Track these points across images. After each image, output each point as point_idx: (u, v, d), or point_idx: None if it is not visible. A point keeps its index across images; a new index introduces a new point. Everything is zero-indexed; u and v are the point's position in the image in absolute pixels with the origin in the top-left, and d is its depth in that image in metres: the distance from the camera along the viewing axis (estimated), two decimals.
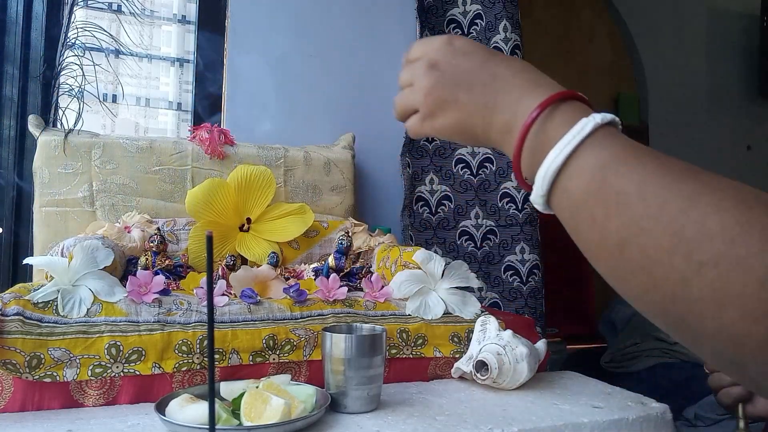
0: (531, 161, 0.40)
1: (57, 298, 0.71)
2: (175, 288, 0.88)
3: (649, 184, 0.33)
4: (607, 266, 0.36)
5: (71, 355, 0.68)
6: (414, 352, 0.84)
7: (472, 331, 0.86)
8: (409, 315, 0.86)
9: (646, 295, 0.34)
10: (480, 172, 1.46)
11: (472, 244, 1.44)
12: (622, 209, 0.34)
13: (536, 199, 0.39)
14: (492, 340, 0.80)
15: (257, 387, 0.65)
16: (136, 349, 0.70)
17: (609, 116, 0.38)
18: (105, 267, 0.77)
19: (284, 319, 0.79)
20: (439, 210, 1.43)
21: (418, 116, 0.50)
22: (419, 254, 0.92)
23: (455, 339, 0.86)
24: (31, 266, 1.01)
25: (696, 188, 0.32)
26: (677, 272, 0.31)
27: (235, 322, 0.77)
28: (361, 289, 0.92)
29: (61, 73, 1.13)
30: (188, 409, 0.61)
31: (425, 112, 0.49)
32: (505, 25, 1.45)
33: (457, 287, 0.91)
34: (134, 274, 0.77)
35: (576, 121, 0.38)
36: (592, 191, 0.36)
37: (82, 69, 1.13)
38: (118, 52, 1.27)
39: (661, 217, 0.32)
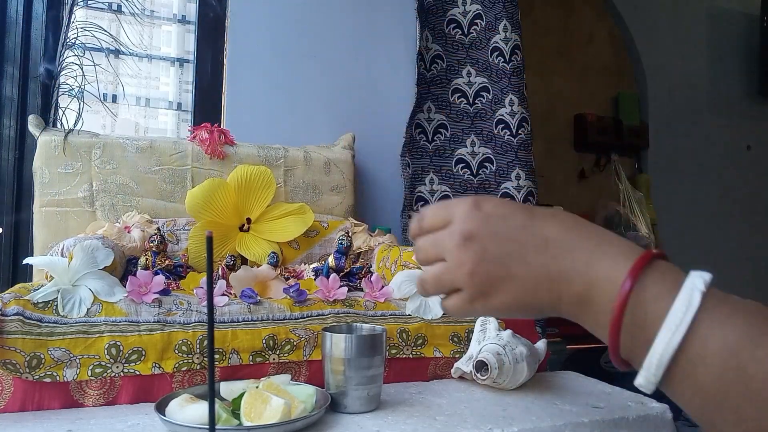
0: (631, 340, 0.36)
1: (57, 298, 0.71)
2: (175, 288, 0.88)
3: None
4: None
5: (71, 355, 0.68)
6: (414, 352, 0.84)
7: (472, 331, 0.86)
8: (409, 315, 0.86)
9: None
10: (480, 172, 1.46)
11: None
12: None
13: (647, 385, 0.35)
14: (492, 340, 0.80)
15: (257, 387, 0.65)
16: (136, 349, 0.70)
17: (707, 275, 0.35)
18: (105, 267, 0.77)
19: (284, 319, 0.79)
20: None
21: (465, 297, 0.44)
22: None
23: (455, 339, 0.86)
24: (31, 266, 1.01)
25: None
26: None
27: (235, 322, 0.77)
28: (361, 289, 0.92)
29: (61, 73, 1.13)
30: (188, 409, 0.61)
31: (474, 292, 0.43)
32: (505, 25, 1.45)
33: None
34: (134, 274, 0.77)
35: (674, 289, 0.34)
36: (729, 382, 0.32)
37: (82, 69, 1.13)
38: (118, 52, 1.27)
39: None
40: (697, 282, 0.34)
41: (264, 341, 0.76)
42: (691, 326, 0.33)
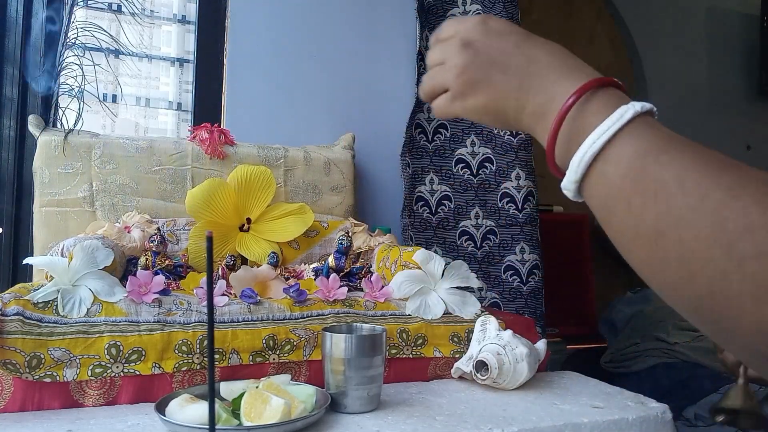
0: (566, 148, 0.40)
1: (57, 298, 0.71)
2: (175, 288, 0.88)
3: (689, 175, 0.33)
4: (641, 257, 0.35)
5: (71, 355, 0.68)
6: (414, 352, 0.84)
7: (472, 331, 0.86)
8: (409, 315, 0.86)
9: (681, 289, 0.33)
10: (480, 172, 1.46)
11: (472, 244, 1.44)
12: (661, 199, 0.33)
13: (569, 185, 0.39)
14: (492, 340, 0.80)
15: (257, 387, 0.65)
16: (136, 349, 0.70)
17: (648, 105, 0.38)
18: (105, 267, 0.77)
19: (284, 319, 0.79)
20: (439, 210, 1.43)
21: (448, 95, 0.48)
22: (419, 254, 0.92)
23: (455, 339, 0.86)
24: (31, 266, 1.01)
25: (738, 180, 0.32)
26: (716, 265, 0.30)
27: (235, 322, 0.77)
28: (361, 289, 0.92)
29: (61, 73, 1.13)
30: (188, 409, 0.61)
31: (456, 91, 0.47)
32: None
33: (457, 287, 0.91)
34: (134, 274, 0.77)
35: (614, 108, 0.37)
36: (630, 179, 0.35)
37: (82, 69, 1.13)
38: (118, 52, 1.27)
39: (701, 208, 0.31)
40: (635, 104, 0.37)
41: (264, 341, 0.76)
42: (615, 134, 0.36)
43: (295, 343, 0.78)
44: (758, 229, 0.29)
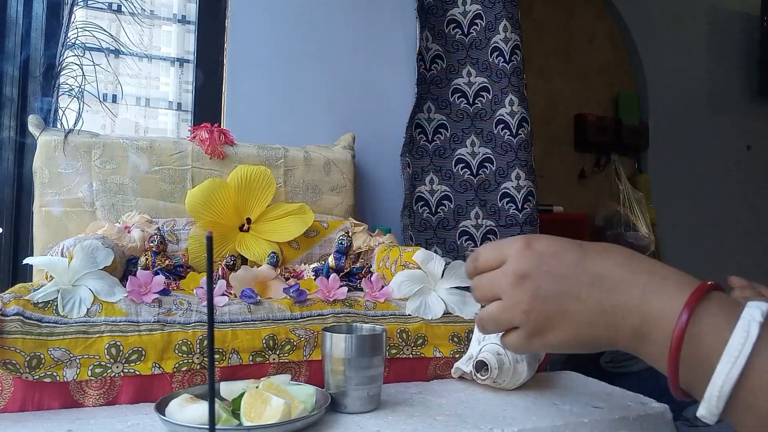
0: (689, 374, 0.36)
1: (57, 298, 0.71)
2: (175, 288, 0.88)
3: None
4: None
5: (71, 355, 0.68)
6: (414, 352, 0.84)
7: (472, 331, 0.86)
8: (409, 315, 0.86)
9: None
10: (480, 172, 1.46)
11: (472, 244, 1.44)
12: None
13: (708, 417, 0.35)
14: (492, 340, 0.80)
15: (257, 387, 0.65)
16: (136, 349, 0.70)
17: (764, 306, 0.35)
18: (105, 267, 0.77)
19: (284, 319, 0.79)
20: (439, 210, 1.43)
21: (522, 334, 0.45)
22: (419, 254, 0.92)
23: (455, 339, 0.86)
24: (31, 266, 1.01)
25: None
26: None
27: (235, 322, 0.77)
28: (361, 289, 0.92)
29: (61, 73, 1.13)
30: (188, 409, 0.61)
31: (531, 329, 0.44)
32: (505, 25, 1.45)
33: (457, 287, 0.91)
34: (134, 274, 0.77)
35: (731, 320, 0.34)
36: None
37: (82, 69, 1.13)
38: (118, 52, 1.27)
39: None
40: (754, 313, 0.34)
41: (264, 341, 0.76)
42: (750, 358, 0.33)
43: (295, 343, 0.78)
44: None
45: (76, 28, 1.14)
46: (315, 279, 0.88)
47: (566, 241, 0.45)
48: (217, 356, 0.74)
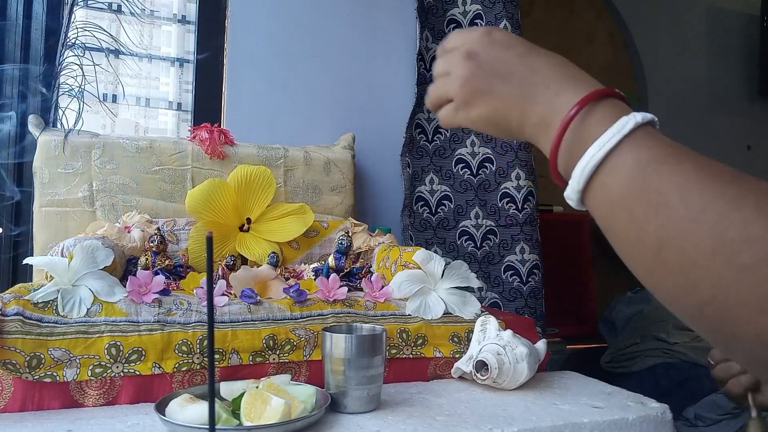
0: (569, 158, 0.40)
1: (57, 298, 0.71)
2: (175, 288, 0.88)
3: (690, 186, 0.33)
4: (643, 266, 0.36)
5: (71, 355, 0.68)
6: (414, 352, 0.84)
7: (472, 331, 0.86)
8: (409, 315, 0.86)
9: (682, 298, 0.33)
10: (480, 172, 1.46)
11: (472, 244, 1.44)
12: (662, 210, 0.34)
13: (571, 194, 0.39)
14: (492, 340, 0.80)
15: (257, 387, 0.65)
16: (136, 349, 0.70)
17: (649, 116, 0.38)
18: (105, 267, 0.77)
19: (284, 319, 0.79)
20: (439, 210, 1.43)
21: (453, 106, 0.49)
22: (419, 254, 0.92)
23: (455, 339, 0.86)
24: (31, 266, 1.01)
25: (738, 191, 0.32)
26: (717, 275, 0.31)
27: (235, 322, 0.77)
28: (361, 289, 0.92)
29: (61, 73, 1.13)
30: (188, 409, 0.61)
31: (460, 101, 0.48)
32: (505, 25, 1.45)
33: (457, 287, 0.91)
34: (134, 274, 0.77)
35: (616, 119, 0.38)
36: (632, 190, 0.36)
37: (82, 69, 1.13)
38: (118, 52, 1.27)
39: (702, 219, 0.32)
40: (636, 116, 0.38)
41: (264, 341, 0.76)
42: (617, 145, 0.37)
43: (295, 343, 0.78)
44: (757, 240, 0.30)
45: (76, 28, 1.14)
46: (315, 279, 0.88)
47: (521, 39, 0.48)
48: (217, 356, 0.74)
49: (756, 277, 0.29)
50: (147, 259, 0.92)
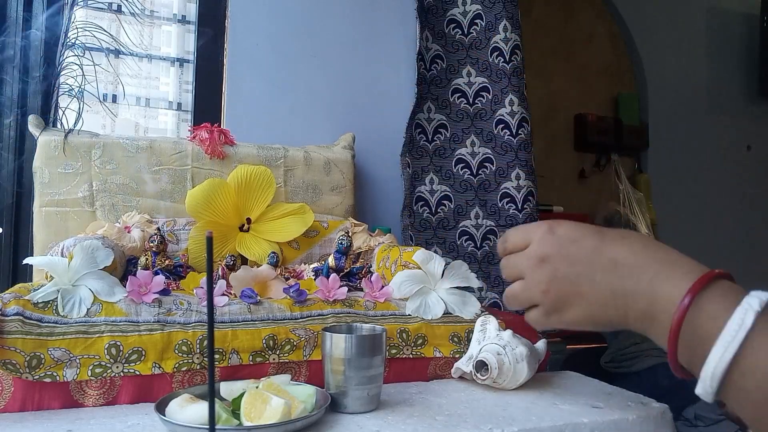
0: (689, 354, 0.39)
1: (57, 298, 0.71)
2: (175, 288, 0.88)
3: None
4: None
5: (71, 355, 0.68)
6: (414, 352, 0.84)
7: (472, 331, 0.86)
8: (409, 315, 0.86)
9: None
10: (480, 172, 1.46)
11: (472, 244, 1.44)
12: None
13: (705, 396, 0.38)
14: (492, 340, 0.80)
15: (257, 387, 0.65)
16: (136, 349, 0.70)
17: (764, 296, 0.37)
18: (105, 267, 0.77)
19: (284, 319, 0.79)
20: (439, 210, 1.43)
21: (541, 312, 0.49)
22: (419, 254, 0.92)
23: (455, 339, 0.86)
24: (31, 266, 1.01)
25: None
26: None
27: (235, 322, 0.77)
28: (361, 289, 0.92)
29: (61, 73, 1.13)
30: (188, 409, 0.61)
31: (548, 308, 0.48)
32: (505, 25, 1.45)
33: (457, 287, 0.91)
34: (134, 274, 0.77)
35: (731, 308, 0.36)
36: None
37: (82, 69, 1.13)
38: (118, 52, 1.27)
39: None
40: (752, 302, 0.36)
41: (264, 341, 0.76)
42: (743, 343, 0.35)
43: (295, 343, 0.78)
44: None
45: (76, 28, 1.14)
46: (315, 279, 0.88)
47: (586, 227, 0.47)
48: (217, 356, 0.74)
49: None
50: (147, 259, 0.92)
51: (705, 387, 0.38)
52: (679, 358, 0.40)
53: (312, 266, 1.04)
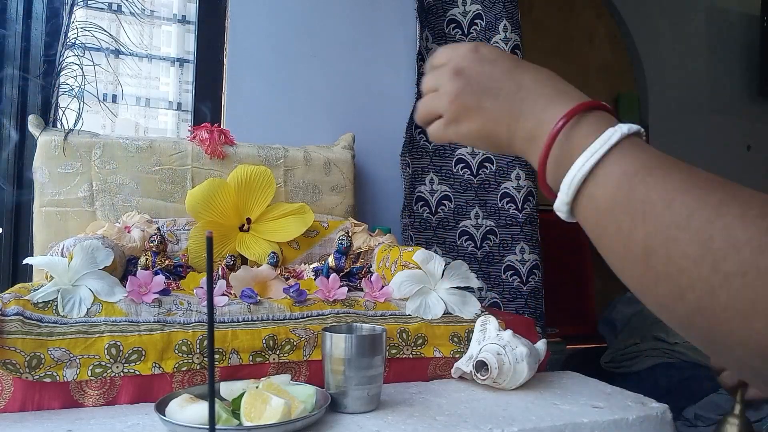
0: (556, 170, 0.41)
1: (57, 298, 0.71)
2: (175, 288, 0.88)
3: (676, 194, 0.34)
4: (632, 275, 0.36)
5: (71, 355, 0.68)
6: (414, 352, 0.84)
7: (472, 331, 0.86)
8: (409, 315, 0.86)
9: (671, 305, 0.33)
10: (480, 172, 1.46)
11: (472, 244, 1.44)
12: (649, 218, 0.34)
13: (560, 206, 0.40)
14: (492, 340, 0.80)
15: (257, 387, 0.65)
16: (136, 349, 0.70)
17: (635, 127, 0.39)
18: (105, 267, 0.77)
19: (284, 319, 0.79)
20: (439, 210, 1.43)
21: (442, 121, 0.50)
22: (419, 254, 0.92)
23: (455, 339, 0.86)
24: (31, 266, 1.01)
25: (723, 198, 0.32)
26: (704, 282, 0.31)
27: (235, 322, 0.77)
28: (361, 289, 0.92)
29: (61, 73, 1.13)
30: (188, 409, 0.61)
31: (449, 117, 0.49)
32: (505, 25, 1.45)
33: (457, 287, 0.91)
34: (134, 274, 0.77)
35: (602, 131, 0.38)
36: (619, 200, 0.36)
37: (82, 69, 1.13)
38: (118, 52, 1.27)
39: (688, 226, 0.32)
40: (622, 127, 0.38)
41: (264, 341, 0.76)
42: (603, 156, 0.37)
43: (295, 343, 0.78)
44: (743, 247, 0.30)
45: (76, 28, 1.14)
46: (315, 279, 0.88)
47: (508, 54, 0.50)
48: (217, 356, 0.74)
49: (740, 283, 0.29)
50: (147, 259, 0.92)
51: (562, 197, 0.39)
52: (547, 176, 0.42)
53: (312, 266, 1.04)
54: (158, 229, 1.00)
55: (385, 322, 0.83)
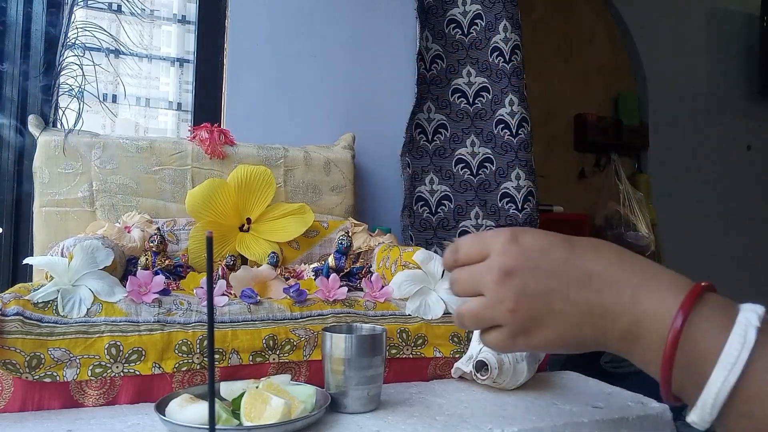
0: (682, 378, 0.35)
1: (57, 298, 0.71)
2: (175, 288, 0.88)
3: None
4: None
5: (71, 355, 0.68)
6: (414, 352, 0.84)
7: (472, 331, 0.86)
8: (409, 315, 0.86)
9: None
10: (480, 172, 1.46)
11: None
12: None
13: (700, 423, 0.34)
14: None
15: (257, 387, 0.65)
16: (136, 349, 0.70)
17: (760, 308, 0.34)
18: (105, 267, 0.77)
19: (284, 319, 0.79)
20: (439, 210, 1.43)
21: (506, 333, 0.43)
22: (419, 254, 0.92)
23: (455, 339, 0.86)
24: (31, 266, 1.01)
25: None
26: None
27: (235, 322, 0.77)
28: (361, 289, 0.92)
29: (61, 73, 1.13)
30: (188, 409, 0.61)
31: (516, 329, 0.42)
32: (505, 25, 1.45)
33: None
34: (134, 274, 0.77)
35: (728, 324, 0.33)
36: None
37: (82, 69, 1.13)
38: (118, 52, 1.27)
39: None
40: (750, 317, 0.33)
41: (264, 341, 0.76)
42: (747, 365, 0.32)
43: (295, 343, 0.78)
44: None
45: (76, 28, 1.14)
46: (315, 279, 0.88)
47: (553, 236, 0.43)
48: (217, 356, 0.74)
49: None
50: (147, 259, 0.92)
51: (703, 415, 0.34)
52: (673, 384, 0.36)
53: (312, 266, 1.04)
54: (158, 229, 1.00)
55: (385, 322, 0.83)
